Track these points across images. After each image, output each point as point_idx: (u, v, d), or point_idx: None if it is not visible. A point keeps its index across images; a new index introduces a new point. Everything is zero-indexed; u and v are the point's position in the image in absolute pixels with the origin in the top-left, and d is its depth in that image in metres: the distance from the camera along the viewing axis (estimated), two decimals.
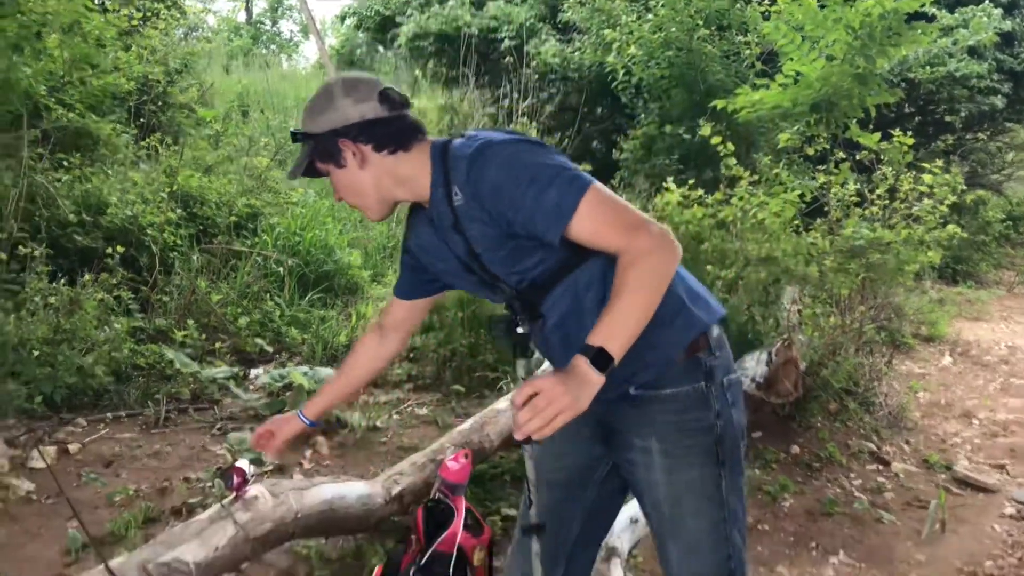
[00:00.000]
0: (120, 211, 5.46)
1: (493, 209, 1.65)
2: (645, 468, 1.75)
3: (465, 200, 1.68)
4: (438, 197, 1.73)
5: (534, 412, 1.43)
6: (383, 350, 2.15)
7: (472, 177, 1.66)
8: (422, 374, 5.04)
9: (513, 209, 1.63)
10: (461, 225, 1.71)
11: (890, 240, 4.41)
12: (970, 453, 4.72)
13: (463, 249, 1.75)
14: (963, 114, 9.50)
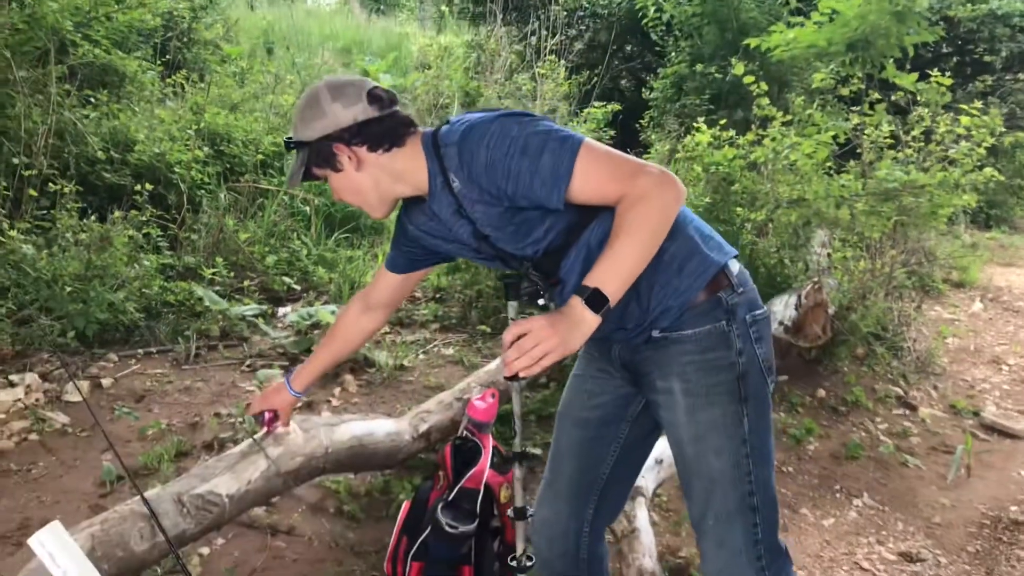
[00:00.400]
0: (148, 148, 5.46)
1: (491, 188, 1.67)
2: (667, 408, 1.77)
3: (462, 184, 1.70)
4: (438, 186, 1.75)
5: (520, 352, 1.50)
6: (367, 325, 2.21)
7: (464, 160, 1.68)
8: (448, 314, 5.06)
9: (511, 183, 1.65)
10: (464, 210, 1.73)
11: (924, 183, 4.34)
12: (998, 399, 4.69)
13: (469, 232, 1.77)
14: (1003, 54, 9.26)
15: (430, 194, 1.79)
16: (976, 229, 8.55)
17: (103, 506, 2.86)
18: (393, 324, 4.97)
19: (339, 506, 3.06)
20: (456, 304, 5.22)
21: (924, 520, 3.37)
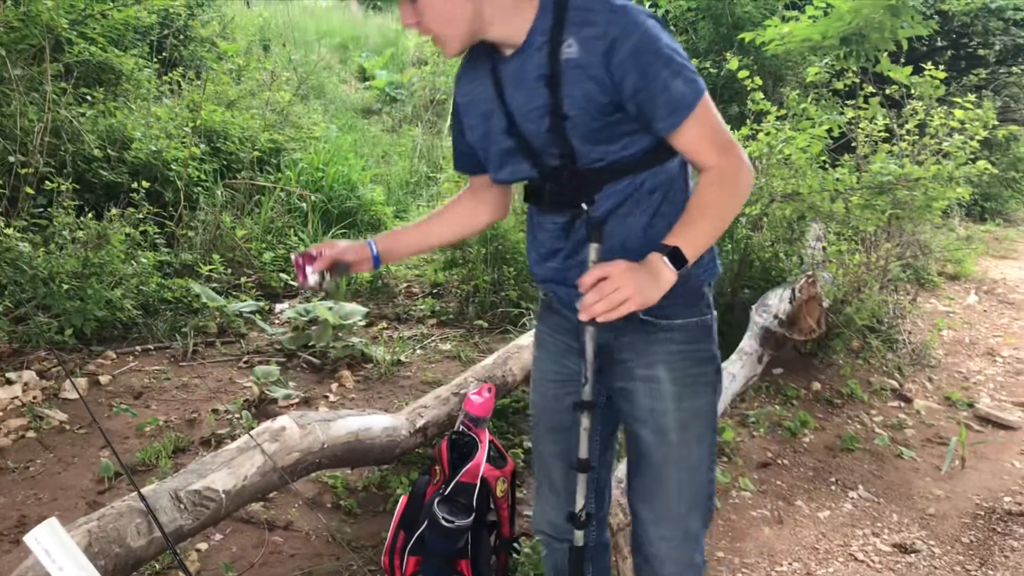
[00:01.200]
0: (144, 146, 5.47)
1: (618, 73, 1.53)
2: (650, 396, 1.73)
3: (583, 54, 1.54)
4: (534, 44, 1.58)
5: (601, 295, 1.44)
6: (478, 213, 2.00)
7: (609, 32, 1.52)
8: (445, 310, 5.07)
9: (643, 81, 1.53)
10: (559, 79, 1.56)
11: (919, 176, 4.35)
12: (992, 391, 4.71)
13: (542, 105, 1.60)
14: (997, 47, 9.27)
15: (519, 50, 1.61)
16: (971, 222, 8.57)
17: (101, 503, 2.88)
18: (390, 320, 4.98)
19: (336, 501, 3.08)
20: (453, 299, 5.23)
21: (919, 511, 3.39)
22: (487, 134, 1.72)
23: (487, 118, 1.70)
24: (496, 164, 1.75)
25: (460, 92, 1.77)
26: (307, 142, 6.95)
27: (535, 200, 1.75)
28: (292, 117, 7.15)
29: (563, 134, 1.60)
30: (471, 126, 1.76)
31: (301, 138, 6.94)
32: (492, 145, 1.72)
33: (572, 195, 1.66)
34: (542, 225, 1.76)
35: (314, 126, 7.38)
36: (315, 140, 7.07)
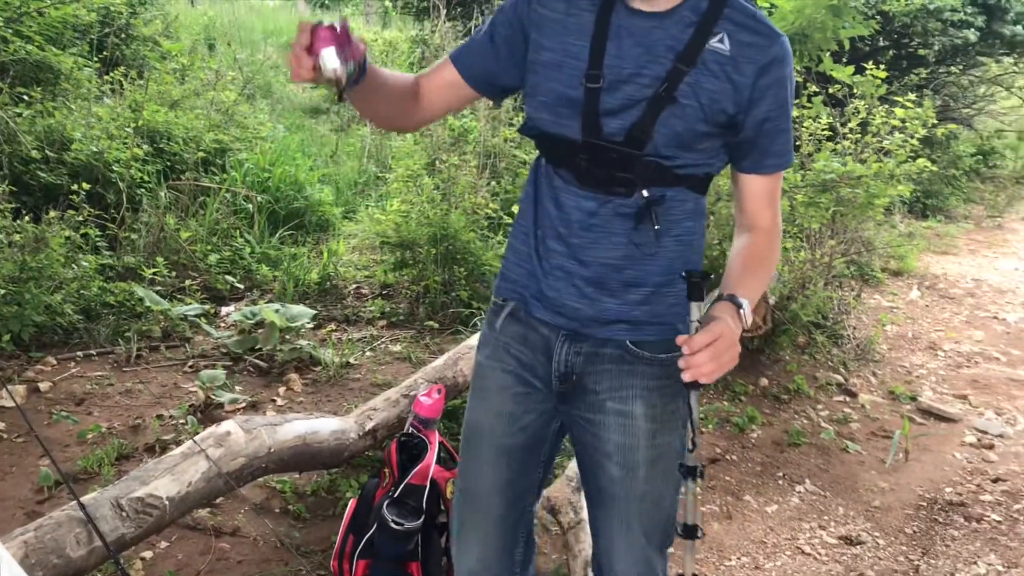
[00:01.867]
0: (85, 147, 5.35)
1: (760, 93, 1.49)
2: (622, 432, 1.64)
3: (734, 55, 1.48)
4: (683, 18, 1.49)
5: (716, 358, 1.35)
6: (409, 108, 1.72)
7: (774, 51, 1.49)
8: (395, 311, 5.04)
9: (776, 112, 1.52)
10: (692, 62, 1.47)
11: (861, 174, 4.43)
12: (934, 384, 4.82)
13: (657, 77, 1.48)
14: (936, 47, 9.47)
15: (663, 12, 1.49)
16: (913, 218, 8.75)
17: (40, 513, 2.81)
18: (339, 321, 4.94)
19: (284, 506, 3.04)
20: (404, 300, 5.20)
21: (864, 504, 3.46)
22: (558, 66, 1.54)
23: (567, 52, 1.53)
24: (541, 103, 1.58)
25: (546, 5, 1.56)
26: (253, 142, 6.85)
27: (570, 167, 1.57)
28: (238, 117, 7.04)
29: (657, 114, 1.48)
30: (544, 46, 1.56)
31: (247, 138, 6.84)
32: (555, 83, 1.54)
33: (625, 177, 1.53)
34: (560, 201, 1.59)
35: (260, 126, 7.27)
36: (261, 140, 6.97)
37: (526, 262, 1.67)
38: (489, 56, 1.63)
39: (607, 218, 1.56)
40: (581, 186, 1.57)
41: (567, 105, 1.53)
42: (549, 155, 1.62)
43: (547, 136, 1.60)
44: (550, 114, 1.56)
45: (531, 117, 1.62)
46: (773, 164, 1.58)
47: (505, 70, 1.63)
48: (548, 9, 1.55)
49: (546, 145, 1.62)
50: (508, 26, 1.60)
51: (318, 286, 5.29)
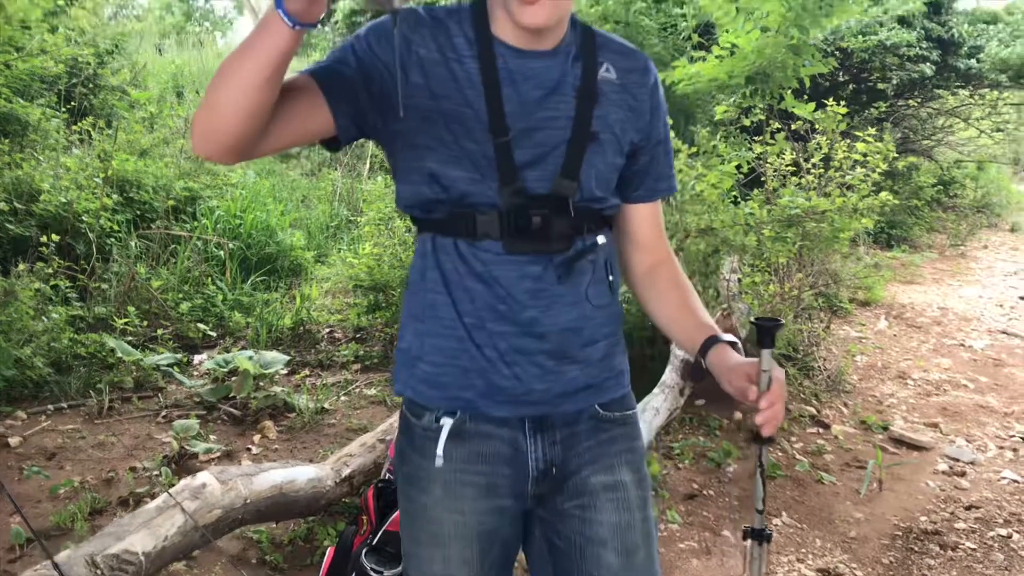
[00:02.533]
0: (54, 198, 5.33)
1: (654, 116, 1.47)
2: (616, 509, 1.45)
3: (622, 82, 1.43)
4: (569, 53, 1.39)
5: (778, 409, 1.34)
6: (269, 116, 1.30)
7: (653, 73, 1.48)
8: (369, 354, 5.04)
9: (663, 133, 1.50)
10: (594, 97, 1.39)
11: (825, 208, 4.51)
12: (905, 413, 4.87)
13: (568, 117, 1.37)
14: (894, 81, 9.69)
15: (550, 52, 1.38)
16: (878, 249, 8.89)
17: (12, 572, 2.76)
18: (313, 366, 4.93)
19: (261, 556, 3.01)
20: (377, 343, 5.20)
21: (840, 535, 3.48)
22: (458, 118, 1.32)
23: (464, 102, 1.33)
24: (450, 159, 1.33)
25: (423, 46, 1.34)
26: (224, 189, 6.87)
27: (495, 234, 1.35)
28: (208, 164, 7.06)
29: (581, 155, 1.37)
30: (437, 93, 1.33)
31: (218, 185, 6.86)
32: (461, 137, 1.33)
33: (561, 230, 1.37)
34: (493, 276, 1.37)
35: (231, 172, 7.29)
36: (232, 187, 6.99)
37: (459, 359, 1.40)
38: (359, 86, 1.30)
39: (553, 279, 1.39)
40: (512, 252, 1.36)
41: (479, 164, 1.33)
42: (461, 227, 1.36)
43: (461, 202, 1.34)
44: (464, 171, 1.33)
45: (437, 178, 1.34)
46: (665, 187, 1.54)
47: (370, 109, 1.32)
48: (426, 50, 1.34)
49: (456, 215, 1.36)
50: (378, 60, 1.31)
51: (291, 331, 5.29)
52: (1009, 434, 4.61)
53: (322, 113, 1.28)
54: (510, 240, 1.36)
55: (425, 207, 1.39)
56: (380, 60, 1.30)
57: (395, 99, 1.28)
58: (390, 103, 1.31)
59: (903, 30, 9.34)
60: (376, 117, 1.33)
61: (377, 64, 1.30)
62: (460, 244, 1.37)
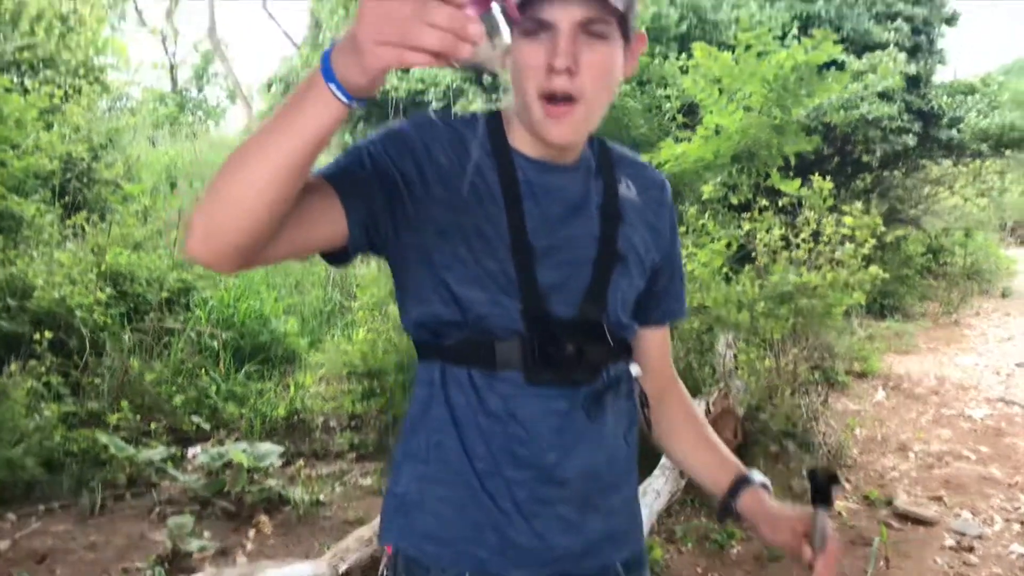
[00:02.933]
0: (47, 294, 5.33)
1: (671, 236, 1.42)
2: None
3: (641, 200, 1.36)
4: (590, 169, 1.33)
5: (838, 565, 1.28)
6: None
7: (668, 191, 1.43)
8: (364, 442, 4.99)
9: (677, 253, 1.45)
10: (619, 215, 1.31)
11: (816, 284, 4.54)
12: (908, 487, 4.82)
13: (593, 235, 1.28)
14: (878, 153, 9.84)
15: (571, 166, 1.30)
16: (872, 319, 8.91)
17: None
18: (307, 456, 4.87)
19: None
20: (372, 430, 5.15)
21: None
22: (480, 234, 1.22)
23: (486, 216, 1.23)
24: (471, 279, 1.21)
25: (443, 153, 1.23)
26: (217, 278, 6.87)
27: (516, 363, 1.22)
28: None
29: (607, 276, 1.28)
30: (456, 207, 1.21)
31: (211, 275, 6.86)
32: (482, 255, 1.21)
33: (589, 359, 1.25)
34: (512, 412, 1.23)
35: None
36: (225, 276, 7.01)
37: (469, 511, 1.24)
38: (374, 190, 1.16)
39: (581, 416, 1.25)
40: (535, 383, 1.22)
41: (500, 284, 1.22)
42: (478, 355, 1.23)
43: (479, 326, 1.22)
44: (483, 292, 1.21)
45: (456, 298, 1.22)
46: (678, 308, 1.47)
47: (385, 217, 1.18)
48: (446, 159, 1.22)
49: (473, 341, 1.23)
50: (393, 166, 1.18)
51: (285, 421, 5.24)
52: (1015, 506, 4.56)
53: (335, 217, 1.12)
54: (533, 370, 1.22)
55: (437, 330, 1.25)
56: (396, 167, 1.18)
57: (411, 208, 1.18)
58: (405, 213, 1.18)
59: (884, 104, 9.53)
60: (389, 227, 1.18)
61: (392, 171, 1.17)
62: (475, 375, 1.23)
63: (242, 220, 0.98)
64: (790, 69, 4.87)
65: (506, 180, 1.25)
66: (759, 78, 4.92)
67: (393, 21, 0.81)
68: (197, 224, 1.01)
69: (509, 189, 1.25)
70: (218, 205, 0.99)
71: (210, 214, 1.00)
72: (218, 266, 1.04)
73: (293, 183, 0.98)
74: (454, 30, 0.80)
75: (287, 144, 0.95)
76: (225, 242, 1.00)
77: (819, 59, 4.83)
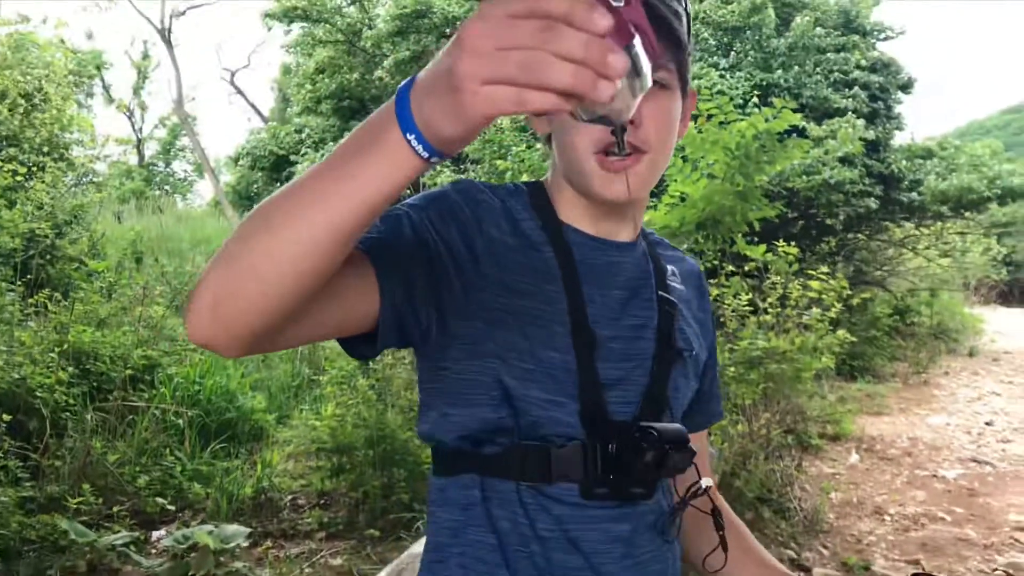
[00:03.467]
0: (6, 374, 5.21)
1: (711, 331, 1.29)
2: None
3: (686, 291, 1.22)
4: (643, 249, 1.19)
5: None
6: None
7: (704, 280, 1.31)
8: (334, 520, 4.88)
9: (714, 346, 1.30)
10: (674, 307, 1.16)
11: (785, 349, 4.55)
12: (885, 551, 4.78)
13: (651, 326, 1.12)
14: (842, 217, 10.02)
15: (629, 245, 1.15)
16: (842, 381, 8.94)
17: None
18: (276, 537, 4.74)
19: None
20: (342, 508, 5.04)
21: None
22: (537, 319, 1.03)
23: (545, 299, 1.05)
24: (526, 374, 1.02)
25: (495, 225, 1.05)
26: (183, 355, 6.78)
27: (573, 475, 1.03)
28: (167, 330, 7.00)
29: (668, 374, 1.11)
30: (511, 287, 1.03)
31: (177, 352, 6.77)
32: (539, 344, 1.02)
33: (650, 472, 1.04)
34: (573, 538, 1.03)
35: None
36: (191, 352, 6.90)
37: None
38: (417, 268, 0.96)
39: (655, 540, 1.09)
40: (589, 500, 1.03)
41: (558, 379, 1.03)
42: (530, 465, 1.02)
43: (532, 431, 1.02)
44: (541, 389, 1.02)
45: (510, 398, 1.02)
46: (718, 410, 1.33)
47: (426, 298, 0.97)
48: (497, 231, 1.05)
49: (524, 449, 1.03)
50: (439, 239, 0.99)
51: (253, 500, 5.12)
52: (992, 567, 4.53)
53: (368, 296, 0.91)
54: (595, 484, 1.03)
55: (480, 438, 1.04)
56: (442, 240, 0.98)
57: (459, 289, 0.99)
58: (452, 296, 0.99)
59: (846, 168, 9.73)
60: (431, 313, 0.98)
61: (437, 244, 0.97)
62: (523, 490, 1.03)
63: (265, 297, 0.78)
64: (752, 137, 4.94)
65: (562, 257, 1.07)
66: (722, 147, 4.98)
67: (510, 51, 0.61)
68: (204, 299, 0.80)
69: (567, 267, 1.06)
70: (235, 276, 0.79)
71: (224, 287, 0.80)
72: (227, 350, 0.84)
73: (337, 255, 0.78)
74: (592, 63, 0.60)
75: (340, 206, 0.74)
76: (241, 323, 0.80)
77: (780, 126, 4.91)
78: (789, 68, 11.05)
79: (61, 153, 9.55)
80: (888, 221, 11.30)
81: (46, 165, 8.43)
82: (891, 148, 11.30)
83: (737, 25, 11.47)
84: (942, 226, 11.66)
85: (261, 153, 15.55)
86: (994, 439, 7.34)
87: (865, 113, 10.83)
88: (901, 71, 11.92)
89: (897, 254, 12.26)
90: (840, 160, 9.78)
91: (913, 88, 12.15)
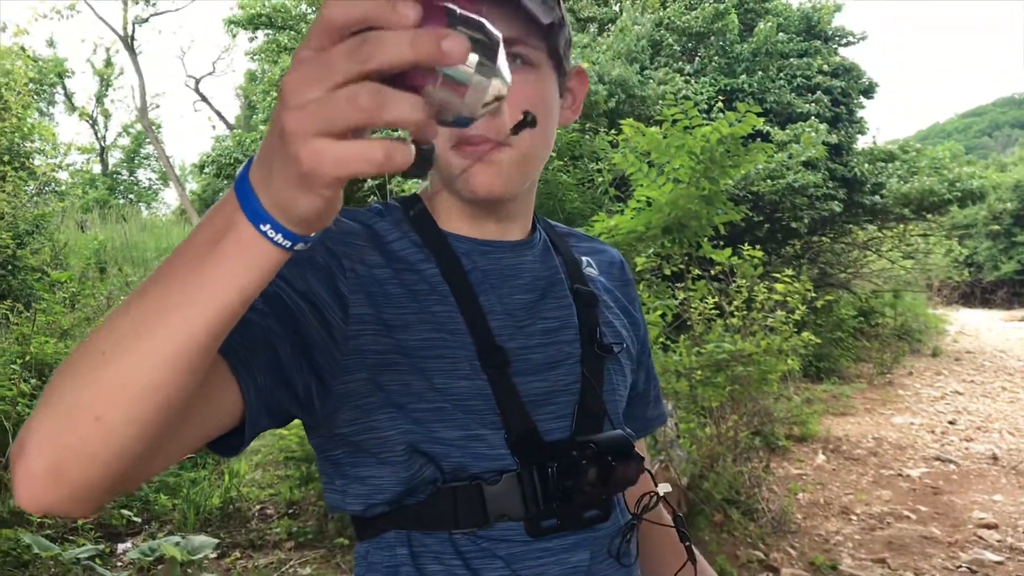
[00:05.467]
0: None
1: (642, 324, 1.15)
2: None
3: (606, 281, 1.12)
4: (546, 245, 1.07)
5: None
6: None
7: (627, 269, 1.18)
8: (303, 529, 4.85)
9: (648, 343, 1.18)
10: (593, 299, 1.05)
11: (751, 352, 4.59)
12: (852, 550, 4.83)
13: (572, 325, 1.01)
14: (806, 220, 10.14)
15: (524, 242, 1.03)
16: (808, 382, 9.03)
17: None
18: (244, 547, 4.71)
19: None
20: (311, 517, 5.01)
21: None
22: (433, 351, 0.91)
23: (436, 326, 0.92)
24: (430, 411, 0.89)
25: (363, 261, 0.92)
26: None
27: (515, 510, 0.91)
28: None
29: (600, 375, 1.00)
30: (396, 325, 0.90)
31: None
32: (445, 377, 0.91)
33: (600, 491, 0.91)
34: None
35: None
36: None
37: None
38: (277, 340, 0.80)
39: (607, 566, 0.97)
40: (537, 535, 0.92)
41: (473, 410, 0.91)
42: (461, 510, 0.90)
43: (457, 474, 0.90)
44: (456, 427, 0.90)
45: (418, 448, 0.89)
46: (657, 414, 1.21)
47: (298, 374, 0.83)
48: (363, 266, 0.92)
49: (450, 492, 0.91)
50: (296, 295, 0.84)
51: (220, 510, 5.07)
52: (956, 565, 4.59)
53: (228, 392, 0.76)
54: (539, 518, 0.91)
55: (398, 497, 0.91)
56: (297, 293, 0.83)
57: (333, 345, 0.85)
58: (328, 355, 0.85)
59: (809, 172, 9.84)
60: (307, 379, 0.83)
61: (294, 299, 0.83)
62: (459, 539, 0.90)
63: (115, 441, 0.61)
64: (716, 141, 4.98)
65: (449, 269, 0.95)
66: (686, 151, 5.02)
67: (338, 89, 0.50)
68: (35, 459, 0.62)
69: (456, 280, 0.95)
70: (72, 424, 0.61)
71: (59, 440, 0.62)
72: (77, 512, 0.66)
73: (198, 373, 0.63)
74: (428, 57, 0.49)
75: (194, 320, 0.59)
76: (89, 476, 0.63)
77: (744, 131, 4.95)
78: (753, 73, 11.19)
79: (22, 162, 9.40)
80: (852, 224, 11.45)
81: (6, 174, 8.30)
82: (854, 152, 11.46)
83: (701, 31, 11.60)
84: (904, 228, 11.83)
85: (227, 161, 15.40)
86: (957, 438, 7.45)
87: (828, 117, 10.99)
88: (863, 75, 12.11)
89: (861, 256, 12.42)
90: (804, 164, 9.90)
91: (875, 93, 12.34)
